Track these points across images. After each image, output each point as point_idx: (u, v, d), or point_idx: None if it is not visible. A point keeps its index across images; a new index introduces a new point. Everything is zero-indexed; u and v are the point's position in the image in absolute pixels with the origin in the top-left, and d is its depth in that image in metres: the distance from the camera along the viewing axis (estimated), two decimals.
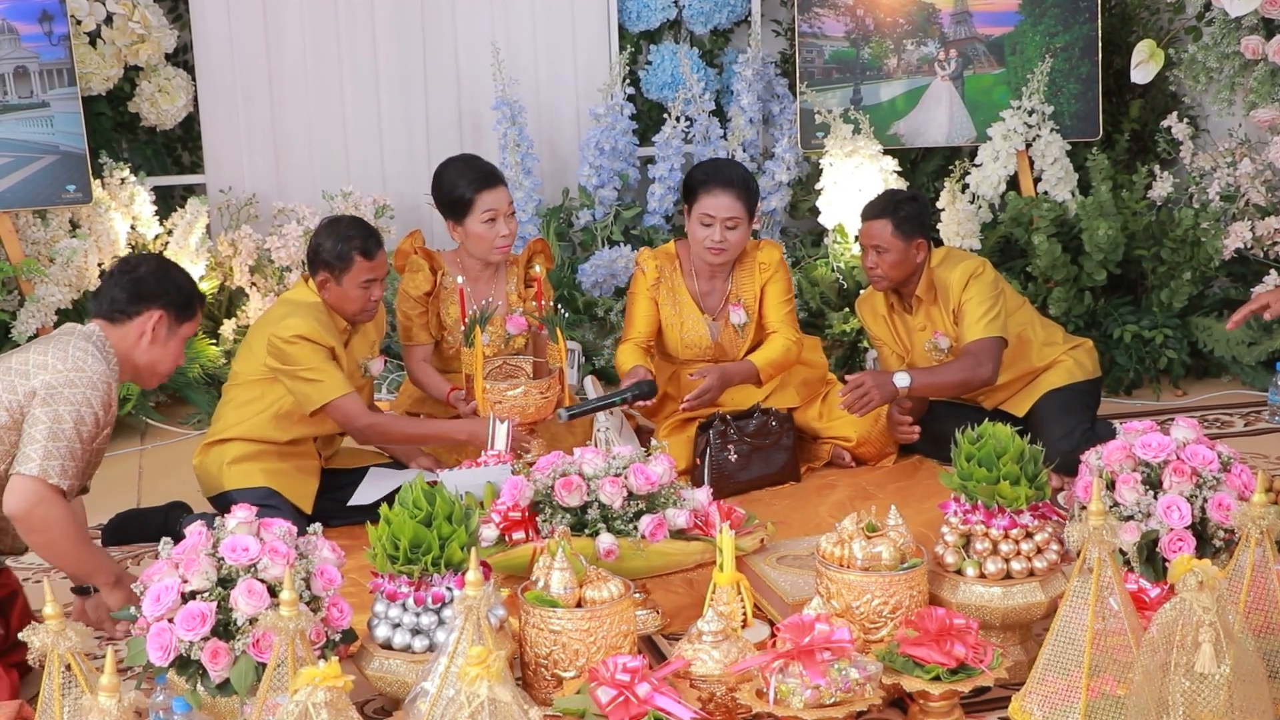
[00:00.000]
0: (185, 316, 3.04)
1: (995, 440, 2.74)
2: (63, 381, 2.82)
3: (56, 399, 2.81)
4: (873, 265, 3.93)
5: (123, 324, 2.98)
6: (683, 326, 4.05)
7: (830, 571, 2.70)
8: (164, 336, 3.01)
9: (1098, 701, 2.33)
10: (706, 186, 3.94)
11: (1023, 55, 5.15)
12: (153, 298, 2.99)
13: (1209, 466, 2.72)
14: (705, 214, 3.93)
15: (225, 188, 5.12)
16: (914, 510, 3.46)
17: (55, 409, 2.80)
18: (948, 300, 3.94)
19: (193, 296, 3.07)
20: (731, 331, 4.08)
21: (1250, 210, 4.84)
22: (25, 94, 4.55)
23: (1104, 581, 2.33)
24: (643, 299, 4.06)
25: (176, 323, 3.02)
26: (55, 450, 2.79)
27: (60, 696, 2.09)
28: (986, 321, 3.85)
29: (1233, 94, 4.91)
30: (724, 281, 4.08)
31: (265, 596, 2.35)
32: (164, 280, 3.03)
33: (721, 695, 2.51)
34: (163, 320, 3.00)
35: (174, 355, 3.04)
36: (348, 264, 3.61)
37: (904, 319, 4.05)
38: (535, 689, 2.61)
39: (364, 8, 5.25)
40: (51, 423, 2.79)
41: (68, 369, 2.83)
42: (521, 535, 3.15)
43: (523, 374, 3.85)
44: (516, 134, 5.12)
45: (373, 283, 3.66)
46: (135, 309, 2.98)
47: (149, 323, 2.99)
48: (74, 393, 2.82)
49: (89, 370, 2.85)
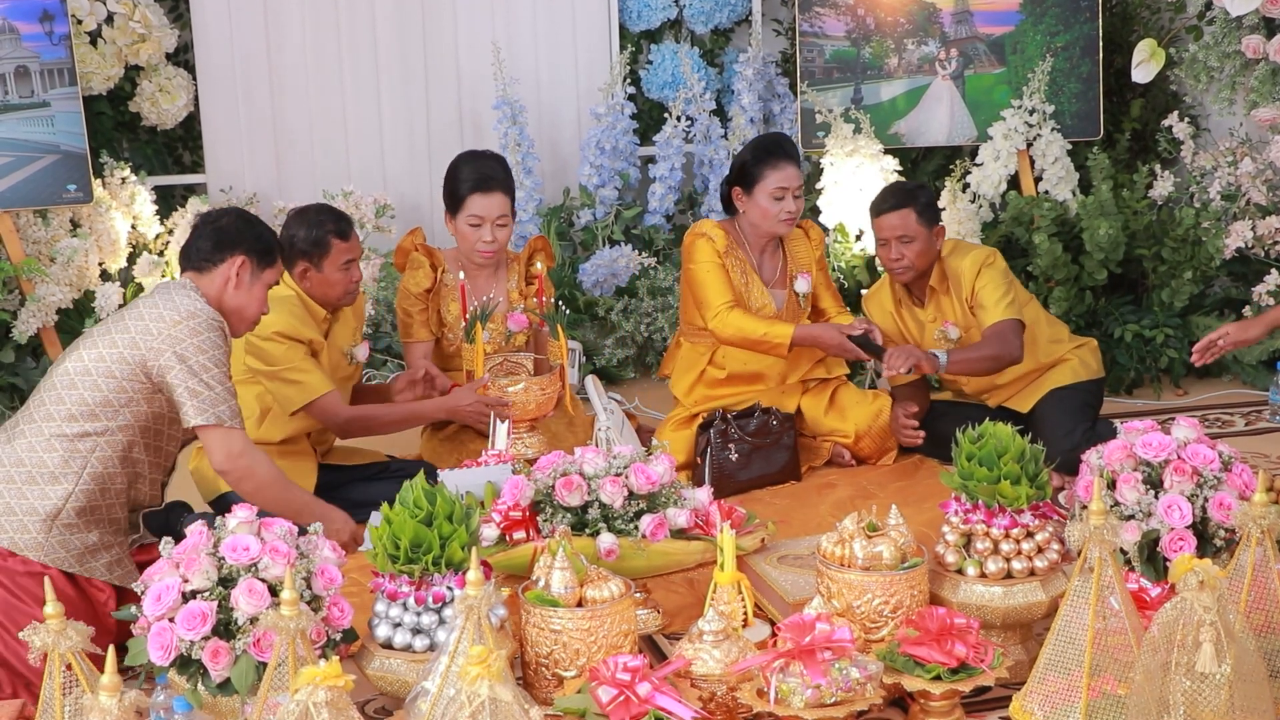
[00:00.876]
0: (266, 262, 3.13)
1: (996, 440, 2.74)
2: (185, 331, 2.91)
3: (188, 348, 2.90)
4: (898, 257, 3.96)
5: (209, 272, 3.08)
6: (750, 295, 4.08)
7: (831, 571, 2.70)
8: (248, 282, 3.10)
9: (1098, 701, 2.33)
10: (771, 161, 3.99)
11: (1023, 54, 5.15)
12: (234, 245, 3.08)
13: (1210, 466, 2.72)
14: (779, 187, 3.99)
15: (226, 187, 5.12)
16: (915, 510, 3.46)
17: (195, 359, 2.90)
18: (960, 289, 3.97)
19: (272, 244, 3.17)
20: (795, 301, 4.13)
21: (1251, 209, 4.84)
22: (26, 94, 4.55)
23: (1105, 581, 2.32)
24: (717, 268, 4.00)
25: (259, 268, 3.12)
26: (215, 396, 2.92)
27: (61, 696, 2.09)
28: (1005, 305, 3.90)
29: (1234, 93, 4.91)
30: (774, 255, 4.14)
31: (266, 596, 2.35)
32: (244, 229, 3.13)
33: (722, 695, 2.51)
34: (245, 265, 3.09)
35: (259, 300, 3.14)
36: (325, 249, 3.63)
37: (913, 313, 4.07)
38: (536, 688, 2.61)
39: (365, 7, 5.26)
40: (199, 372, 2.90)
41: (184, 318, 2.92)
42: (522, 535, 3.15)
43: (524, 371, 3.86)
44: (517, 133, 5.12)
45: (351, 263, 3.69)
46: (219, 256, 3.08)
47: (232, 268, 3.08)
48: (200, 339, 2.91)
49: (202, 313, 2.95)
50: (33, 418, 2.91)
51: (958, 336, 3.98)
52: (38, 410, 2.92)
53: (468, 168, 3.96)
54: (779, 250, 4.16)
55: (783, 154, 4.02)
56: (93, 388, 2.88)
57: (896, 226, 3.93)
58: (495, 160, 4.04)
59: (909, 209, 3.92)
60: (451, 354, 4.06)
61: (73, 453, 2.86)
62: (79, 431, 2.87)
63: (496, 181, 3.94)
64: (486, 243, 3.93)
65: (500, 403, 3.71)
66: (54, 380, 2.93)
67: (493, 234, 3.93)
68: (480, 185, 3.91)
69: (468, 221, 3.93)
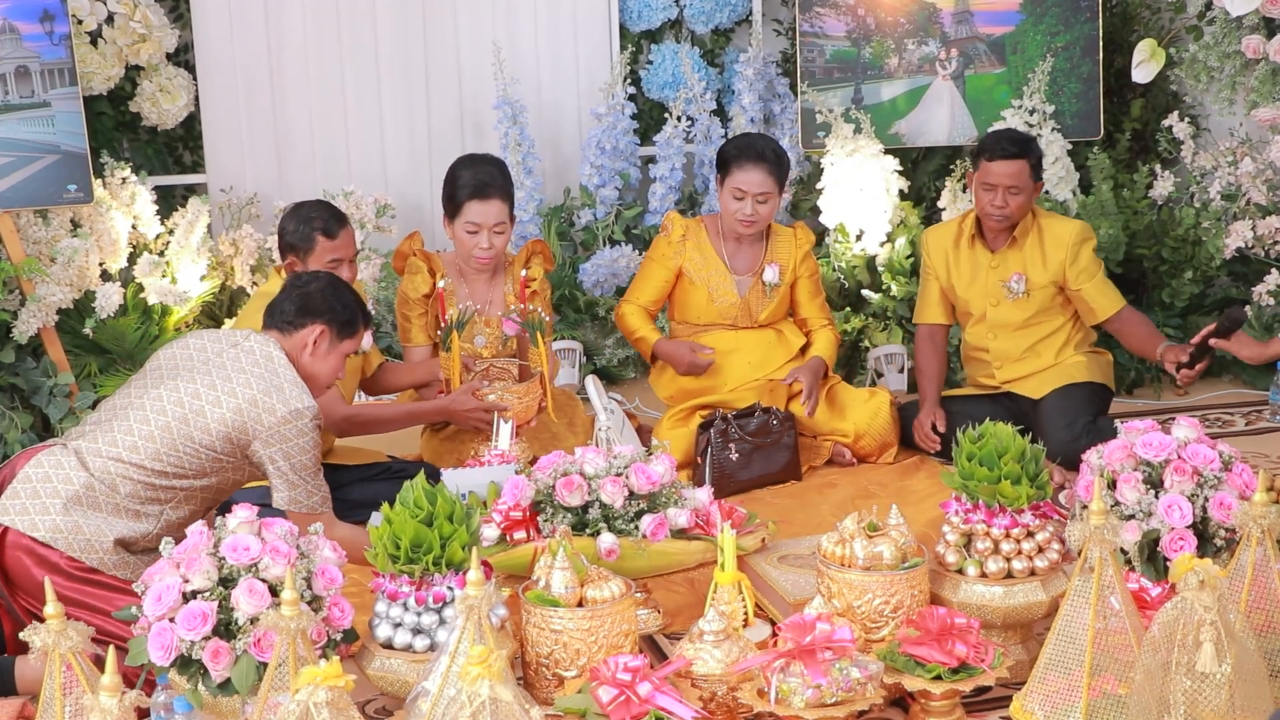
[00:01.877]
0: (347, 334, 3.18)
1: (996, 440, 2.74)
2: (293, 432, 2.96)
3: (292, 448, 2.97)
4: (1001, 205, 4.01)
5: (290, 334, 3.12)
6: (710, 281, 4.13)
7: (831, 571, 2.70)
8: (324, 350, 3.14)
9: (1099, 701, 2.33)
10: (739, 161, 4.02)
11: (1024, 54, 5.15)
12: (318, 313, 3.13)
13: (1210, 466, 2.72)
14: (737, 188, 4.03)
15: (226, 187, 5.12)
16: (916, 509, 3.46)
17: (297, 459, 2.97)
18: (1059, 247, 4.04)
19: (355, 315, 3.21)
20: (760, 290, 4.15)
21: (1251, 209, 4.84)
22: (26, 94, 4.54)
23: (1105, 581, 2.33)
24: (660, 266, 4.17)
25: (338, 339, 3.16)
26: (309, 489, 3.01)
27: (62, 696, 2.09)
28: (1115, 290, 4.10)
29: (1234, 93, 4.91)
30: (756, 245, 4.18)
31: (266, 596, 2.35)
32: (330, 297, 3.16)
33: (723, 694, 2.51)
34: (324, 335, 3.13)
35: (333, 368, 3.18)
36: (310, 244, 3.65)
37: (976, 255, 4.13)
38: (536, 688, 2.61)
39: (366, 7, 5.25)
40: (299, 470, 2.99)
41: (292, 416, 2.95)
42: (523, 535, 3.15)
43: (509, 376, 3.85)
44: (518, 133, 5.12)
45: (339, 263, 3.67)
46: (301, 321, 3.12)
47: (311, 335, 3.12)
48: (304, 440, 2.97)
49: (307, 412, 2.98)
50: (115, 441, 2.89)
51: (1024, 290, 4.04)
52: (121, 432, 2.90)
53: (466, 173, 3.94)
54: (760, 242, 4.18)
55: (753, 155, 4.02)
56: (186, 441, 2.91)
57: (1008, 175, 3.97)
58: (494, 165, 4.02)
59: (1024, 161, 3.97)
60: None
61: (153, 499, 2.90)
62: (165, 483, 2.90)
63: (494, 188, 3.91)
64: (484, 249, 3.92)
65: (501, 405, 3.70)
66: (145, 405, 2.93)
67: (490, 240, 3.91)
68: (478, 192, 3.89)
69: (465, 228, 3.92)
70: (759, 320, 4.17)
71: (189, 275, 4.75)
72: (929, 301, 4.24)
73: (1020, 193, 3.98)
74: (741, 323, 4.18)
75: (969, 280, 4.12)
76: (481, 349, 4.00)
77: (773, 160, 4.04)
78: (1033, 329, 4.10)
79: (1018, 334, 4.10)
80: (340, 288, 3.24)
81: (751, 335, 4.18)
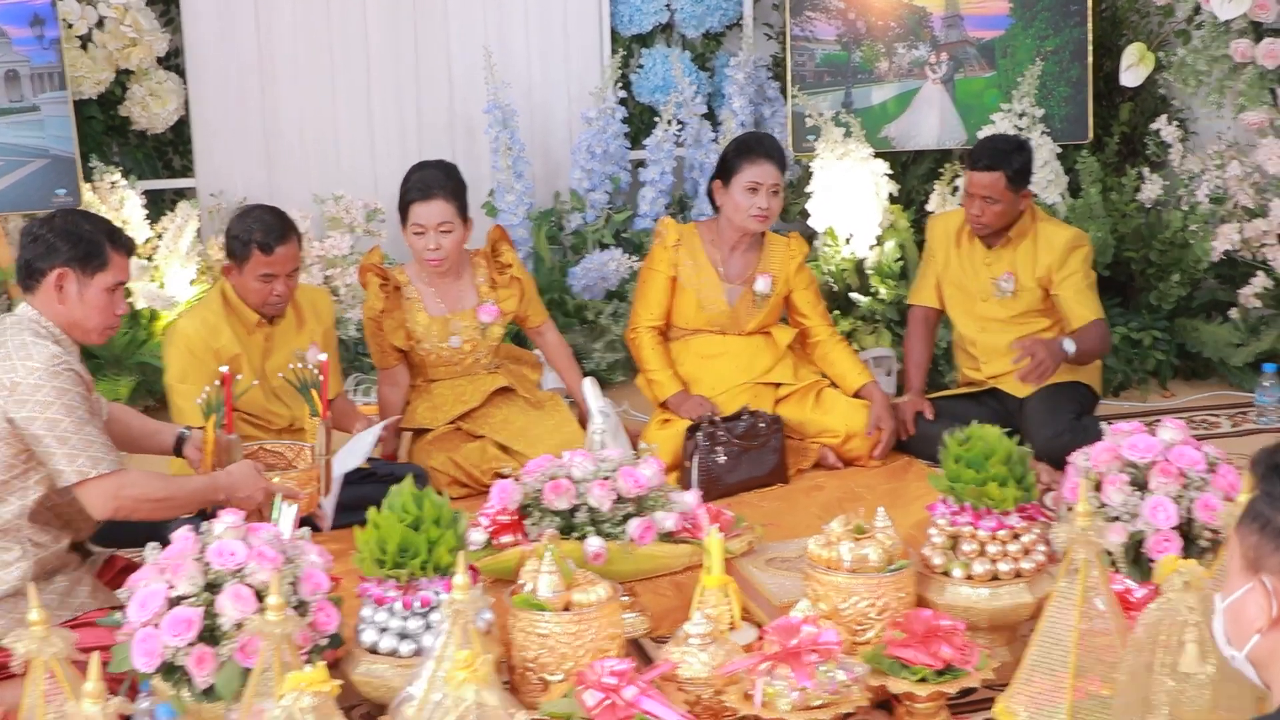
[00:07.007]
0: (94, 266, 2.76)
1: (983, 442, 2.74)
2: (28, 387, 2.66)
3: (32, 405, 2.66)
4: (978, 213, 4.04)
5: (35, 291, 2.76)
6: (700, 288, 4.12)
7: (818, 573, 2.70)
8: (75, 292, 2.75)
9: (1083, 702, 2.33)
10: (749, 157, 4.04)
11: (1013, 58, 5.16)
12: (51, 255, 2.74)
13: (1195, 467, 2.73)
14: (752, 181, 4.02)
15: (216, 191, 5.11)
16: (902, 512, 3.46)
17: (41, 415, 2.67)
18: (1050, 251, 4.05)
19: (97, 243, 2.77)
20: (750, 299, 4.14)
21: (1238, 212, 4.85)
22: (16, 98, 4.55)
23: (1090, 582, 2.33)
24: (660, 276, 4.14)
25: (86, 273, 2.76)
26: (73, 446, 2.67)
27: (44, 703, 2.09)
28: (1095, 303, 4.06)
29: (1222, 97, 4.93)
30: (750, 254, 4.16)
31: (252, 601, 2.34)
32: (60, 236, 2.75)
33: (709, 698, 2.51)
34: (66, 275, 2.74)
35: (99, 307, 2.77)
36: (246, 255, 3.55)
37: (974, 251, 4.16)
38: (522, 692, 2.61)
39: (356, 11, 5.26)
40: (49, 428, 2.67)
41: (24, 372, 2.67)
42: (510, 539, 3.15)
43: (283, 460, 3.32)
44: (508, 137, 5.12)
45: (272, 278, 3.56)
46: (39, 271, 2.75)
47: (52, 281, 2.74)
48: (45, 392, 2.67)
49: (37, 361, 2.67)
50: None
51: (1013, 290, 4.07)
52: None
53: (414, 177, 3.92)
54: (754, 250, 4.17)
55: (762, 150, 4.06)
56: None
57: (983, 186, 4.00)
58: (440, 168, 3.96)
59: (999, 173, 3.98)
60: (430, 364, 4.03)
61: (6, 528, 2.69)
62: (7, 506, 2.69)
63: (437, 188, 3.86)
64: (431, 250, 3.88)
65: (295, 492, 3.10)
66: None
67: (437, 241, 3.86)
68: (421, 193, 3.85)
69: (412, 231, 3.89)
70: (746, 330, 4.16)
71: (178, 279, 4.75)
72: (927, 284, 4.27)
73: (996, 203, 4.00)
74: (729, 330, 4.17)
75: (962, 271, 4.15)
76: (464, 344, 3.99)
77: (779, 154, 4.11)
78: (1019, 327, 4.11)
79: (1004, 331, 4.12)
80: (74, 218, 2.81)
81: (739, 339, 4.18)
